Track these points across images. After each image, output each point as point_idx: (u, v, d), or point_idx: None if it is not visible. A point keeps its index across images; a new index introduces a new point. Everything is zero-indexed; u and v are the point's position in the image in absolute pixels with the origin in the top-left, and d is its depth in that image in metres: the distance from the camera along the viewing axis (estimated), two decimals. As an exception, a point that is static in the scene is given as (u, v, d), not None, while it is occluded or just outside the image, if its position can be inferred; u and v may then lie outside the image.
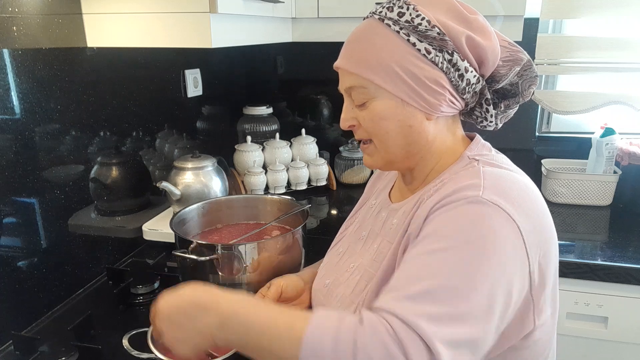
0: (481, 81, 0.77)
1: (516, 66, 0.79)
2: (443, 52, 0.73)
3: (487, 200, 0.66)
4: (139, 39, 1.16)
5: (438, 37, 0.72)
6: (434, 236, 0.68)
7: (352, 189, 1.91)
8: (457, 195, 0.69)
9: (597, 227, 1.61)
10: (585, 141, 1.80)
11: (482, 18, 0.77)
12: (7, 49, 1.01)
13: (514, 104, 0.83)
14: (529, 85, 0.81)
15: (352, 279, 0.85)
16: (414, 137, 0.78)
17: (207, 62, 1.77)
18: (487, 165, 0.75)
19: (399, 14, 0.74)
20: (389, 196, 0.92)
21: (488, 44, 0.75)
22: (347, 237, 0.97)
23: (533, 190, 0.74)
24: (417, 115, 0.76)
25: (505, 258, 0.65)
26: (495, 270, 0.64)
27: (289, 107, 2.15)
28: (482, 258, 0.64)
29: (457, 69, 0.74)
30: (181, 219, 1.18)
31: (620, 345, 1.37)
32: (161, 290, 1.20)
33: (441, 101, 0.75)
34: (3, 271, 1.04)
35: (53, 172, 1.16)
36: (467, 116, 0.85)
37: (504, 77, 0.79)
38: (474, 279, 0.63)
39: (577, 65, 1.77)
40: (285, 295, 0.98)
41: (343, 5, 1.55)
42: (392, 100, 0.76)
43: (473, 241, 0.65)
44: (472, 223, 0.66)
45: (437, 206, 0.70)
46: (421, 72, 0.73)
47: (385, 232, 0.84)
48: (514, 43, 0.81)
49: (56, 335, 1.05)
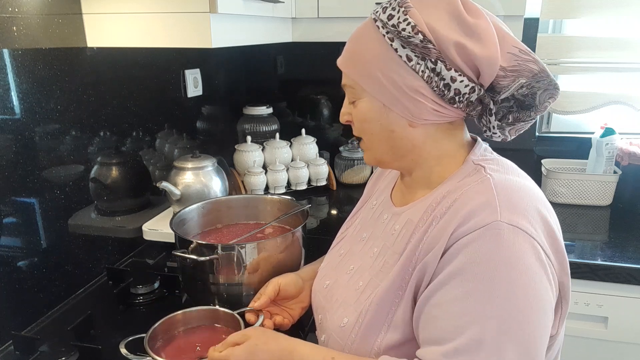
0: (477, 91, 0.72)
1: (521, 78, 0.71)
2: (426, 60, 0.70)
3: (506, 225, 0.65)
4: (139, 39, 1.16)
5: (420, 44, 0.69)
6: (463, 275, 0.65)
7: (352, 189, 1.91)
8: (475, 221, 0.66)
9: (597, 227, 1.61)
10: (585, 141, 1.80)
11: (485, 23, 0.70)
12: (7, 49, 1.01)
13: (526, 117, 0.75)
14: (548, 97, 0.73)
15: (352, 283, 0.84)
16: (396, 141, 0.77)
17: (207, 62, 1.77)
18: (494, 172, 0.73)
19: (388, 17, 0.72)
20: (391, 197, 0.90)
21: (483, 52, 0.69)
22: (347, 238, 0.96)
23: (539, 194, 0.74)
24: (399, 121, 0.75)
25: (538, 281, 0.65)
26: (533, 300, 0.64)
27: (289, 107, 2.15)
28: (519, 292, 0.64)
29: (442, 78, 0.70)
30: (181, 219, 1.18)
31: (620, 345, 1.37)
32: (161, 290, 1.21)
33: (422, 110, 0.73)
34: (3, 271, 1.04)
35: (53, 172, 1.16)
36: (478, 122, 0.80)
37: (505, 89, 0.72)
38: (517, 316, 0.63)
39: (577, 65, 1.77)
40: (284, 294, 0.98)
41: (343, 5, 1.55)
42: (375, 103, 0.76)
43: (504, 276, 0.64)
44: (499, 256, 0.64)
45: (454, 236, 0.67)
46: (401, 79, 0.71)
47: (387, 237, 0.83)
48: (528, 51, 0.72)
49: (56, 335, 1.05)
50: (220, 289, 1.05)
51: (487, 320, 0.63)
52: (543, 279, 0.66)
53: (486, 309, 0.63)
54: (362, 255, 0.87)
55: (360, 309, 0.78)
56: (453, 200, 0.71)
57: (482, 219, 0.66)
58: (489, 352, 0.62)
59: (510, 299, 0.63)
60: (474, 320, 0.63)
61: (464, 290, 0.65)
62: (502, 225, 0.65)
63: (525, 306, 0.64)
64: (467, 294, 0.65)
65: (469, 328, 0.63)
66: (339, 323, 0.80)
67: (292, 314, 0.99)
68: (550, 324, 0.69)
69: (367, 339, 0.75)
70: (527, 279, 0.64)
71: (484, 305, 0.63)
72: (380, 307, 0.75)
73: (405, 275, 0.73)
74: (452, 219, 0.69)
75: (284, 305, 1.00)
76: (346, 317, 0.80)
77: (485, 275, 0.64)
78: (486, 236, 0.65)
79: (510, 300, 0.63)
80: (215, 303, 1.06)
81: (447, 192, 0.74)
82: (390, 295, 0.74)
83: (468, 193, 0.70)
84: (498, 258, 0.64)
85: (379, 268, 0.80)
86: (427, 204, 0.76)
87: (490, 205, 0.67)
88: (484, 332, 0.63)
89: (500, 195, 0.68)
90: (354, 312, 0.79)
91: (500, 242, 0.64)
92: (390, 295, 0.74)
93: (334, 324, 0.82)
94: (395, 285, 0.74)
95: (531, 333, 0.64)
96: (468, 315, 0.64)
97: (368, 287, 0.80)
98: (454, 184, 0.75)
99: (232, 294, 1.06)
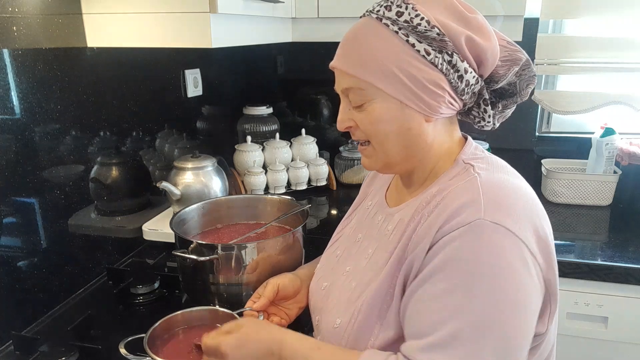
0: (480, 82, 0.76)
1: (515, 66, 0.78)
2: (442, 53, 0.72)
3: (489, 222, 0.66)
4: (139, 39, 1.16)
5: (438, 37, 0.71)
6: (445, 271, 0.67)
7: (352, 189, 1.91)
8: (458, 219, 0.67)
9: (597, 227, 1.60)
10: (585, 141, 1.80)
11: (482, 17, 0.75)
12: (7, 49, 1.01)
13: (512, 103, 0.82)
14: (526, 85, 0.80)
15: (347, 284, 0.84)
16: (413, 139, 0.77)
17: (207, 62, 1.77)
18: (483, 170, 0.75)
19: (397, 14, 0.72)
20: (385, 198, 0.91)
21: (487, 44, 0.73)
22: (343, 238, 0.97)
23: (528, 192, 0.74)
24: (416, 118, 0.75)
25: (519, 280, 0.66)
26: (513, 298, 0.65)
27: (289, 107, 2.15)
28: (499, 290, 0.64)
29: (457, 70, 0.73)
30: (181, 219, 1.18)
31: (620, 345, 1.37)
32: (161, 290, 1.21)
33: (440, 103, 0.74)
34: (3, 271, 1.04)
35: (53, 172, 1.16)
36: (464, 116, 0.84)
37: (502, 78, 0.78)
38: (495, 313, 0.64)
39: (577, 65, 1.77)
40: (282, 294, 0.98)
41: (343, 5, 1.55)
42: (391, 103, 0.74)
43: (485, 273, 0.65)
44: (480, 253, 0.65)
45: (440, 233, 0.69)
46: (420, 73, 0.72)
47: (380, 237, 0.83)
48: (513, 42, 0.79)
49: (56, 335, 1.05)
50: (220, 289, 1.06)
51: (465, 316, 0.64)
52: (526, 277, 0.66)
53: (465, 305, 0.64)
54: (357, 256, 0.87)
55: (353, 309, 0.78)
56: (441, 199, 0.73)
57: (466, 216, 0.67)
58: (466, 348, 0.63)
59: (489, 296, 0.64)
60: (452, 316, 0.64)
61: (445, 287, 0.66)
62: (485, 223, 0.66)
63: (505, 304, 0.64)
64: (447, 290, 0.66)
65: (447, 323, 0.64)
66: (332, 324, 0.81)
67: (289, 314, 1.00)
68: (533, 323, 0.69)
69: (361, 338, 0.76)
70: (508, 277, 0.65)
71: (462, 301, 0.64)
72: (372, 307, 0.75)
73: (396, 272, 0.74)
74: (438, 216, 0.70)
75: (282, 305, 1.00)
76: (339, 318, 0.80)
77: (466, 272, 0.65)
78: (469, 234, 0.66)
79: (490, 297, 0.64)
80: (215, 303, 1.06)
81: (437, 191, 0.75)
82: (382, 294, 0.75)
83: (455, 191, 0.72)
84: (479, 255, 0.65)
85: (370, 268, 0.81)
86: (418, 203, 0.78)
87: (475, 203, 0.68)
88: (461, 327, 0.63)
89: (486, 194, 0.69)
90: (346, 312, 0.79)
91: (482, 240, 0.66)
92: (381, 294, 0.75)
93: (327, 325, 0.82)
94: (386, 283, 0.75)
95: (510, 331, 0.64)
96: (446, 310, 0.65)
97: (359, 287, 0.80)
98: (444, 182, 0.77)
99: (232, 294, 1.06)
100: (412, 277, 0.71)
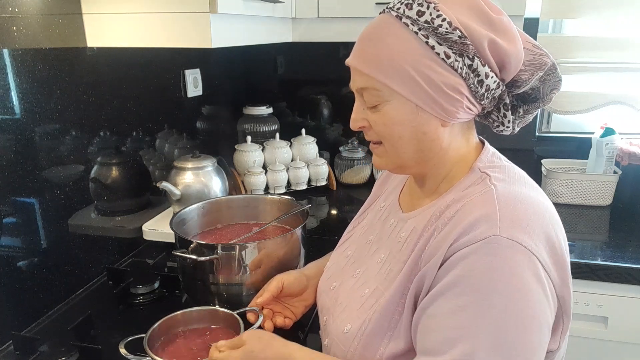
0: (501, 86, 0.72)
1: (539, 71, 0.73)
2: (463, 57, 0.68)
3: (505, 239, 0.64)
4: (138, 39, 1.16)
5: (459, 40, 0.67)
6: (458, 288, 0.65)
7: (352, 189, 1.91)
8: (474, 234, 0.66)
9: (597, 227, 1.61)
10: (585, 141, 1.80)
11: (507, 19, 0.71)
12: (7, 49, 1.01)
13: (534, 109, 0.78)
14: (551, 90, 0.76)
15: (357, 288, 0.83)
16: (427, 143, 0.74)
17: (207, 62, 1.77)
18: (499, 182, 0.72)
19: (418, 13, 0.69)
20: (399, 201, 0.88)
21: (512, 48, 0.70)
22: (354, 238, 0.95)
23: (543, 206, 0.72)
24: (432, 122, 0.72)
25: (534, 298, 0.65)
26: (527, 316, 0.64)
27: (289, 107, 2.14)
28: (513, 308, 0.63)
29: (477, 74, 0.69)
30: (181, 219, 1.18)
31: (620, 345, 1.37)
32: (161, 290, 1.21)
33: (458, 108, 0.71)
34: (3, 271, 1.04)
35: (53, 172, 1.16)
36: (482, 119, 0.80)
37: (525, 83, 0.74)
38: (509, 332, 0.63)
39: (577, 65, 1.77)
40: (287, 291, 0.97)
41: (343, 5, 1.55)
42: (407, 105, 0.71)
43: (500, 290, 0.63)
44: (495, 270, 0.64)
45: (453, 247, 0.67)
46: (439, 77, 0.69)
47: (392, 244, 0.82)
48: (539, 45, 0.75)
49: (56, 335, 1.05)
50: (220, 289, 1.06)
51: (479, 335, 0.62)
52: (540, 295, 0.65)
53: (479, 323, 0.63)
54: (368, 259, 0.86)
55: (364, 317, 0.77)
56: (455, 211, 0.71)
57: (481, 232, 0.65)
58: None
59: (503, 314, 0.63)
60: (466, 334, 0.63)
61: (458, 303, 0.64)
62: (501, 240, 0.64)
63: (519, 322, 0.63)
64: (460, 307, 0.64)
65: (461, 342, 0.63)
66: (342, 329, 0.80)
67: (294, 311, 0.99)
68: (547, 340, 0.68)
69: (370, 347, 0.75)
70: (523, 295, 0.64)
71: (476, 319, 0.63)
72: (383, 316, 0.74)
73: (408, 284, 0.73)
74: (452, 229, 0.68)
75: (287, 303, 1.00)
76: (349, 324, 0.79)
77: (480, 289, 0.64)
78: (483, 250, 0.64)
79: (504, 316, 0.63)
80: (215, 303, 1.06)
81: (452, 201, 0.73)
82: (394, 304, 0.74)
83: (470, 204, 0.70)
84: (493, 272, 0.64)
85: (384, 276, 0.80)
86: (432, 212, 0.75)
87: (490, 219, 0.66)
88: (475, 346, 0.62)
89: (502, 209, 0.67)
90: (358, 319, 0.78)
91: (497, 257, 0.64)
92: (393, 304, 0.74)
93: (337, 329, 0.81)
94: (398, 294, 0.74)
95: (523, 349, 0.63)
96: (460, 328, 0.64)
97: (373, 295, 0.79)
98: (459, 192, 0.74)
99: (232, 294, 1.06)
100: (425, 292, 0.70)
